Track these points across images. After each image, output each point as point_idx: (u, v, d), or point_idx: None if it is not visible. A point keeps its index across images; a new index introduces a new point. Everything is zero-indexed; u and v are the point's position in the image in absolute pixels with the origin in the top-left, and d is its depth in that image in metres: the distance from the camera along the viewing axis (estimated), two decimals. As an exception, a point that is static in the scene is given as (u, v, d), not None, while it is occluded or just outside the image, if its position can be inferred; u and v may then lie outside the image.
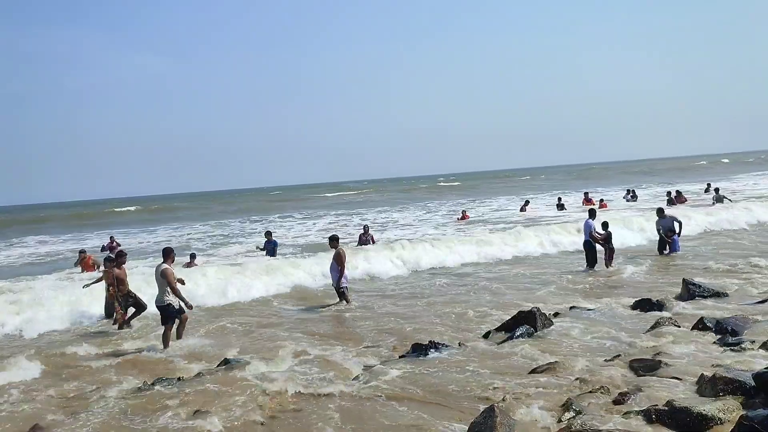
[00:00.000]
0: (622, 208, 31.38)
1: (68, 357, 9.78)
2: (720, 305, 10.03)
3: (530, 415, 5.96)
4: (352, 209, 48.33)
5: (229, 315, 12.36)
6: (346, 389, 7.14)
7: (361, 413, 6.47)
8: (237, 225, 39.74)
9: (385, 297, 13.31)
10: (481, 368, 7.61)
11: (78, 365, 9.30)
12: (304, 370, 8.00)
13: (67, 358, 9.75)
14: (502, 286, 13.61)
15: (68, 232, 41.83)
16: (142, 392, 7.38)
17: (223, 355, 8.92)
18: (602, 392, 6.28)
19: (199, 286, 14.00)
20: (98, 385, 8.07)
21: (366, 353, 8.87)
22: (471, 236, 21.20)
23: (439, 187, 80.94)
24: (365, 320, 11.12)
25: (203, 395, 7.09)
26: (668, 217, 16.90)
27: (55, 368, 9.15)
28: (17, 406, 7.47)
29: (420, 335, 9.44)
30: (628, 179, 65.49)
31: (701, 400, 5.41)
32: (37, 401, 7.60)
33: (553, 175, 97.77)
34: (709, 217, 22.42)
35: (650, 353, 7.59)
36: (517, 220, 28.78)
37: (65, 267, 20.69)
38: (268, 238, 19.85)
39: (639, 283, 12.42)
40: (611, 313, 10.03)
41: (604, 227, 15.27)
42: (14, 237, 40.56)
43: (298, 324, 11.21)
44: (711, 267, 13.58)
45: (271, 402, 6.84)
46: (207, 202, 72.95)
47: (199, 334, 10.73)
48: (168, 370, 8.66)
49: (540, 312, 9.55)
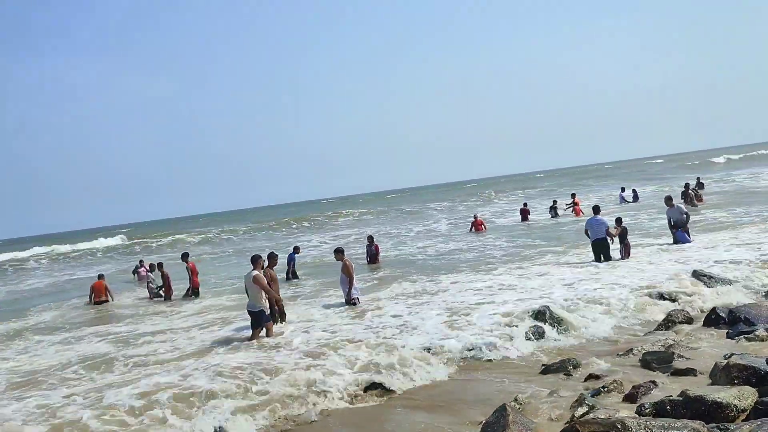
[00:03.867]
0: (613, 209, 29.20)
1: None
2: (733, 295, 9.91)
3: (542, 412, 5.90)
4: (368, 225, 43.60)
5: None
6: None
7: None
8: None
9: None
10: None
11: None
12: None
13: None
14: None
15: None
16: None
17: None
18: (615, 386, 6.21)
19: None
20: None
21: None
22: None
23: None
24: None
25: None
26: (675, 207, 16.61)
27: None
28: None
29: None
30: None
31: (716, 389, 5.32)
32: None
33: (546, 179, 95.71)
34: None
35: (663, 346, 7.51)
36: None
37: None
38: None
39: (650, 275, 12.30)
40: (622, 306, 9.93)
41: (618, 222, 15.15)
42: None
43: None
44: (722, 258, 13.44)
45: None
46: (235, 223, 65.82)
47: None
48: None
49: (550, 310, 9.51)
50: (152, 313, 15.12)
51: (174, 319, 13.73)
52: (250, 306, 10.36)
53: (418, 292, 13.18)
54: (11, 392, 8.47)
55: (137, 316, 14.92)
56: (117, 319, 14.71)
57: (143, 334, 12.04)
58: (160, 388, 7.42)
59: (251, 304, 10.33)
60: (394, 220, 45.14)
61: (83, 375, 9.07)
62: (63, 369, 9.55)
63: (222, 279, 20.39)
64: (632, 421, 3.46)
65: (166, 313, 14.70)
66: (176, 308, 15.28)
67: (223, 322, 12.20)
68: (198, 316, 13.50)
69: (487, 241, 23.19)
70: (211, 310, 14.22)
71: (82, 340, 12.20)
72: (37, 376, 9.25)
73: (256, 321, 10.29)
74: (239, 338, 10.37)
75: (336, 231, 40.46)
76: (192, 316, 13.63)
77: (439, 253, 21.06)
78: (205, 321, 12.72)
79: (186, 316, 13.78)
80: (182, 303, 16.08)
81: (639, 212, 26.48)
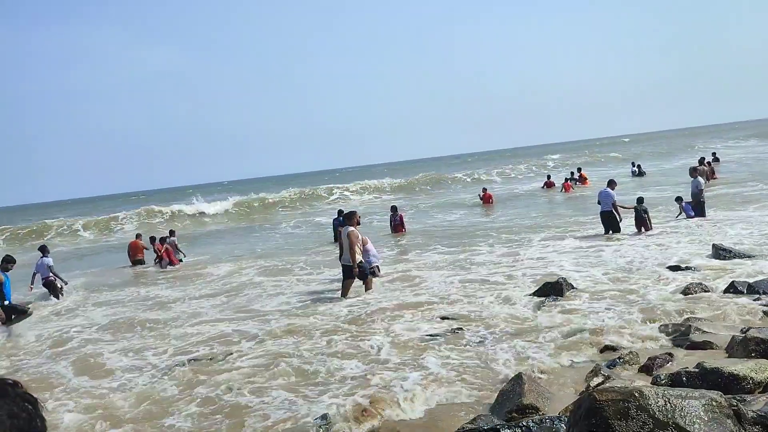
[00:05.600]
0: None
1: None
2: (752, 269, 9.84)
3: (559, 380, 5.97)
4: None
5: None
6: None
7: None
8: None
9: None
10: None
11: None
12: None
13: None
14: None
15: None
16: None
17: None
18: (631, 358, 6.26)
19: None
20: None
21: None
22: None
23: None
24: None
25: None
26: (696, 179, 16.43)
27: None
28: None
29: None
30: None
31: (732, 361, 5.35)
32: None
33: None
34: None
35: (680, 318, 7.53)
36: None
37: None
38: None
39: (667, 248, 12.27)
40: (640, 278, 9.92)
41: (639, 202, 15.15)
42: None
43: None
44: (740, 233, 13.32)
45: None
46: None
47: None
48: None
49: (567, 282, 9.54)
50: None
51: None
52: (345, 260, 11.04)
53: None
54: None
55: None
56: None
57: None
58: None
59: (346, 258, 11.01)
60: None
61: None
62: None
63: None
64: (650, 390, 3.50)
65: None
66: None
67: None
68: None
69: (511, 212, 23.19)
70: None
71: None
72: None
73: (357, 274, 10.94)
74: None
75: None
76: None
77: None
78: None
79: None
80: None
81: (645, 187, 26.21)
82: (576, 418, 3.63)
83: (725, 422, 3.37)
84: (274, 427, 5.59)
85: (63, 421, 6.22)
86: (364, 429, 5.29)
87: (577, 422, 3.57)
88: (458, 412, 5.51)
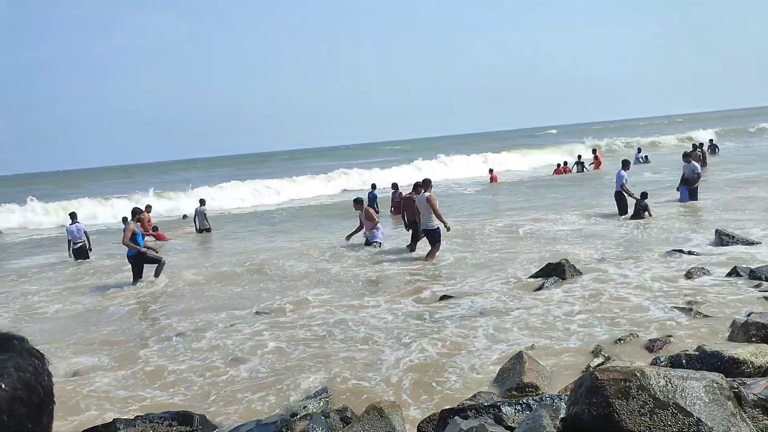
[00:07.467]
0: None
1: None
2: (754, 255, 9.83)
3: (559, 360, 6.01)
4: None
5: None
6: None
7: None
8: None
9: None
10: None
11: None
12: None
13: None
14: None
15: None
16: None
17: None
18: (631, 339, 6.29)
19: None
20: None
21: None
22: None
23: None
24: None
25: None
26: (691, 164, 16.49)
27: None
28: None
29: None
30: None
31: (733, 345, 5.37)
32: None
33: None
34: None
35: (682, 301, 7.54)
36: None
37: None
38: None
39: (671, 232, 12.29)
40: (643, 261, 9.92)
41: (643, 197, 15.10)
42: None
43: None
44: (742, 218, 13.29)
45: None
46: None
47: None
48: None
49: (569, 263, 9.54)
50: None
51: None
52: (425, 225, 11.34)
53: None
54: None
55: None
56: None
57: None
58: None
59: (425, 223, 11.32)
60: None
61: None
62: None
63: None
64: (651, 370, 3.51)
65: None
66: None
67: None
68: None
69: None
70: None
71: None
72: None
73: (432, 239, 11.25)
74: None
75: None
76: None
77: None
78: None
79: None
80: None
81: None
82: (577, 396, 3.65)
83: (726, 404, 3.38)
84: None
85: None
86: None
87: (578, 400, 3.59)
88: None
